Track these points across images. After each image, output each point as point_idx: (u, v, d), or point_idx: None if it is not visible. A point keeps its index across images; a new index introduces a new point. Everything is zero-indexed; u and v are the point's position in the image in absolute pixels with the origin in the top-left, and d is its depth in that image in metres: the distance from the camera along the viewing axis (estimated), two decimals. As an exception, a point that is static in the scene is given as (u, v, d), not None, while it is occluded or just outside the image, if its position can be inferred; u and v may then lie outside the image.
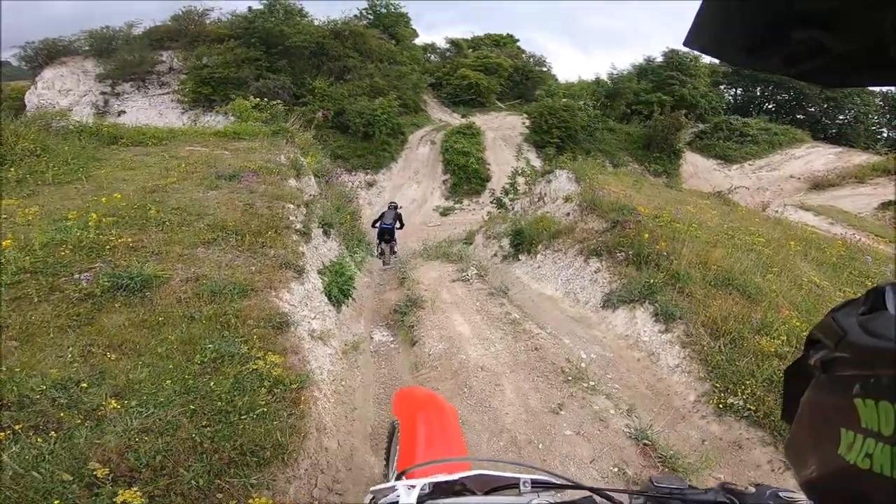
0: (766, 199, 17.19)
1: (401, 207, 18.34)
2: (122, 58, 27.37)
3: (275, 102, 11.68)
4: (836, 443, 0.38)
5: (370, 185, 22.47)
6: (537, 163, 23.28)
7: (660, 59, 31.51)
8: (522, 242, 9.23)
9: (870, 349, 0.37)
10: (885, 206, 21.71)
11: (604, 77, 31.22)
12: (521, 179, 18.63)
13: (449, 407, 1.63)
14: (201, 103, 25.29)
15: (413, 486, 0.81)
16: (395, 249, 11.51)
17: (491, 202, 18.27)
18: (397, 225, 11.66)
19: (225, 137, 9.61)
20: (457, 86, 32.77)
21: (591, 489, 0.82)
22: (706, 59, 34.03)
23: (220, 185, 6.41)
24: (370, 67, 27.81)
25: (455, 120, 29.97)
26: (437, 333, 5.71)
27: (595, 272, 6.87)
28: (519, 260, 9.22)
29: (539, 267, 8.35)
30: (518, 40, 39.74)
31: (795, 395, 0.46)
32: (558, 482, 0.86)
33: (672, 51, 31.14)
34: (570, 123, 24.39)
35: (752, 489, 0.82)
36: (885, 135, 38.90)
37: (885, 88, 37.09)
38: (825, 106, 38.12)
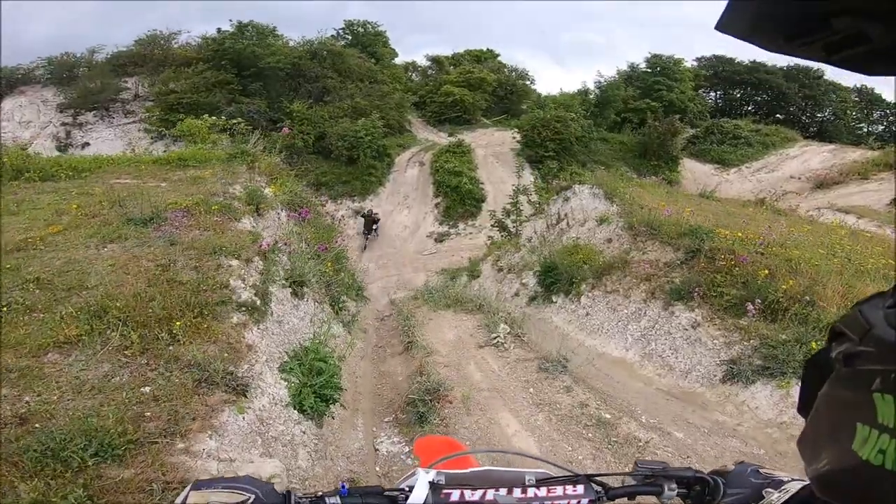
0: (795, 202, 15.26)
1: (377, 213, 18.68)
2: (84, 86, 24.98)
3: (235, 121, 9.39)
4: (851, 438, 0.36)
5: (357, 212, 20.18)
6: (531, 179, 21.30)
7: (643, 65, 30.13)
8: (557, 281, 6.99)
9: (894, 343, 0.35)
10: (896, 201, 20.21)
11: (591, 87, 29.68)
12: (522, 198, 16.52)
13: (473, 458, 1.46)
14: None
15: (429, 472, 0.84)
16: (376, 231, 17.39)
17: (492, 226, 16.07)
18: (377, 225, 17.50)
19: (167, 165, 7.30)
20: (441, 103, 30.77)
21: (586, 476, 0.85)
22: (688, 62, 32.94)
23: (124, 235, 4.09)
24: (350, 88, 25.73)
25: (442, 139, 27.96)
26: (484, 458, 3.38)
27: (692, 326, 4.63)
28: (553, 303, 6.96)
29: (587, 314, 6.10)
30: (499, 55, 38.22)
31: (814, 389, 0.43)
32: (558, 475, 0.88)
33: (655, 56, 29.86)
34: (564, 135, 22.50)
35: (733, 467, 0.84)
36: (865, 129, 38.01)
37: (858, 84, 36.54)
38: (804, 104, 37.09)
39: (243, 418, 2.64)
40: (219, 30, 26.22)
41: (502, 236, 14.64)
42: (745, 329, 4.20)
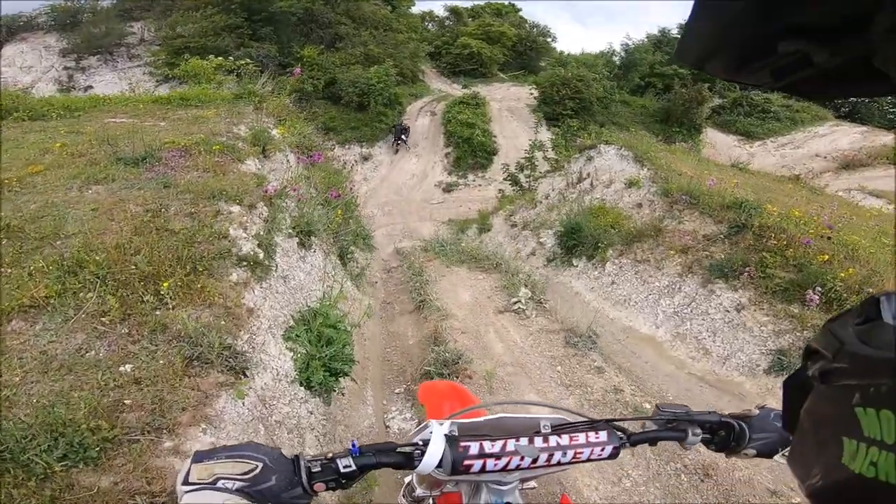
0: (823, 182, 14.43)
1: (407, 122, 20.80)
2: (88, 31, 23.81)
3: (243, 61, 8.60)
4: (839, 452, 0.37)
5: (366, 158, 19.43)
6: (547, 135, 20.36)
7: (675, 30, 28.25)
8: (580, 244, 6.49)
9: (867, 359, 0.36)
10: (925, 186, 19.28)
11: (617, 48, 28.03)
12: (538, 154, 15.70)
13: (477, 399, 1.50)
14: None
15: (443, 424, 0.78)
16: (406, 140, 19.97)
17: (505, 179, 15.37)
18: (406, 133, 20.03)
19: (169, 105, 6.67)
20: (457, 55, 29.34)
21: (606, 420, 0.83)
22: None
23: (112, 176, 3.57)
24: (364, 35, 24.38)
25: (456, 91, 26.76)
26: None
27: (735, 309, 4.17)
28: (573, 266, 6.50)
29: (613, 283, 5.64)
30: (520, 9, 36.09)
31: (796, 407, 0.44)
32: (574, 420, 0.83)
33: None
34: (585, 94, 21.28)
35: (756, 411, 0.83)
36: (900, 114, 36.01)
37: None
38: (840, 81, 34.90)
39: (243, 403, 2.23)
40: (229, -28, 24.42)
41: (514, 190, 14.04)
42: (799, 318, 3.74)
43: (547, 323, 4.60)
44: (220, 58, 9.31)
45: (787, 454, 0.46)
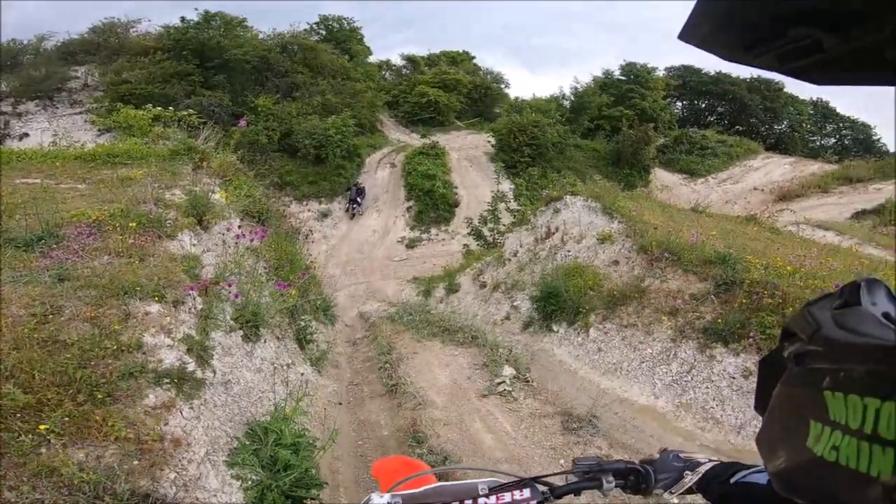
0: (770, 216, 14.94)
1: (362, 184, 19.72)
2: (27, 73, 22.37)
3: (186, 112, 8.00)
4: (805, 434, 0.37)
5: (325, 215, 18.75)
6: (509, 185, 20.57)
7: (617, 72, 30.04)
8: (559, 309, 6.06)
9: (842, 343, 0.36)
10: (860, 214, 20.63)
11: (567, 92, 29.29)
12: (500, 206, 15.63)
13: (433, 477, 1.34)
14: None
15: (383, 497, 0.84)
16: (361, 203, 18.91)
17: (468, 233, 15.10)
18: (362, 195, 18.98)
19: (94, 162, 5.94)
20: (415, 104, 29.68)
21: (531, 479, 0.88)
22: (661, 71, 33.17)
23: (-8, 268, 2.82)
24: (322, 84, 24.11)
25: (414, 140, 26.87)
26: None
27: (742, 375, 3.77)
28: (553, 332, 6.03)
29: (600, 350, 5.19)
30: (474, 57, 37.49)
31: (769, 387, 0.44)
32: (506, 480, 0.89)
33: (629, 64, 29.79)
34: (541, 140, 21.82)
35: (658, 455, 0.91)
36: (818, 142, 39.44)
37: (815, 97, 37.88)
38: (764, 116, 38.09)
39: None
40: (182, 18, 23.95)
41: (479, 245, 13.75)
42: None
43: (538, 405, 4.04)
44: (159, 108, 8.65)
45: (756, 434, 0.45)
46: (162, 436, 2.22)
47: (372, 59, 33.86)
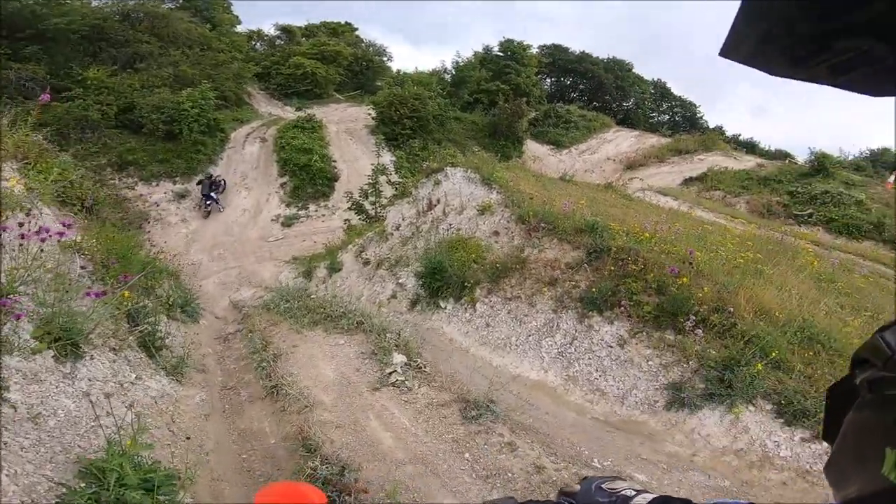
0: (621, 183, 16.74)
1: (219, 175, 17.12)
2: None
3: None
4: (880, 462, 0.36)
5: (182, 196, 16.47)
6: (390, 158, 20.11)
7: (496, 48, 31.04)
8: (445, 285, 6.01)
9: None
10: (688, 181, 24.33)
11: (448, 66, 29.45)
12: (381, 179, 15.19)
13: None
14: None
15: None
16: (217, 199, 16.02)
17: (349, 207, 14.47)
18: (219, 189, 16.32)
19: None
20: (289, 76, 27.50)
21: None
22: (535, 48, 34.88)
23: None
24: (174, 55, 21.01)
25: (289, 114, 24.87)
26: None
27: (618, 344, 4.04)
28: (441, 309, 5.98)
29: (488, 325, 5.25)
30: (357, 28, 35.59)
31: (839, 415, 0.43)
32: None
33: (508, 40, 30.93)
34: (422, 113, 21.62)
35: (578, 486, 0.83)
36: (656, 118, 45.35)
37: (656, 77, 43.30)
38: (616, 93, 42.54)
39: None
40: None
41: (360, 219, 13.29)
42: (679, 347, 3.75)
43: (434, 393, 3.90)
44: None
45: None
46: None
47: (241, 28, 30.48)
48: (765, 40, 0.39)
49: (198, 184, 16.31)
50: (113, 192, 8.11)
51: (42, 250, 2.92)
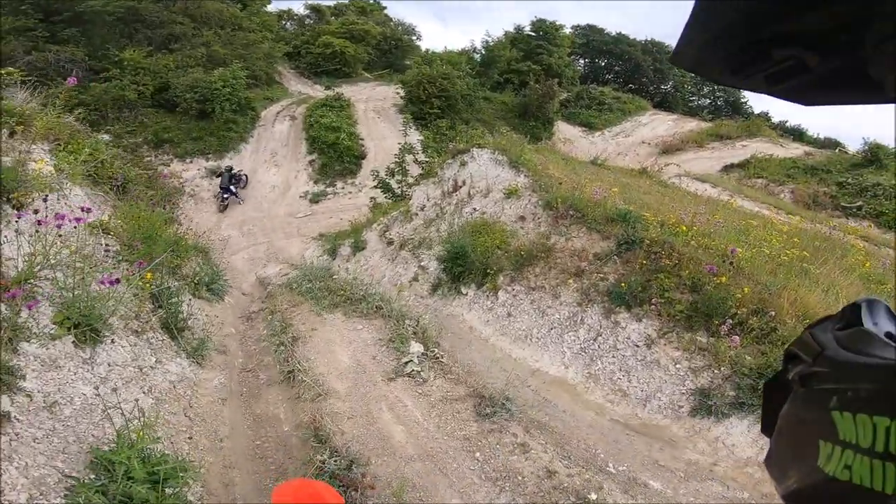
0: (656, 168, 16.04)
1: (240, 170, 16.39)
2: None
3: (4, 70, 6.18)
4: (815, 455, 0.37)
5: (214, 172, 16.82)
6: (417, 137, 19.90)
7: (528, 28, 30.07)
8: (466, 271, 5.84)
9: (846, 363, 0.36)
10: (728, 168, 23.15)
11: (478, 45, 28.72)
12: (408, 157, 15.01)
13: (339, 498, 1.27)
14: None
15: None
16: (236, 193, 15.21)
17: (374, 186, 14.39)
18: (240, 184, 15.59)
19: None
20: (319, 55, 27.51)
21: None
22: (568, 29, 33.65)
23: None
24: (207, 35, 21.24)
25: (317, 92, 24.92)
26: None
27: (645, 344, 3.80)
28: (462, 295, 5.83)
29: (510, 315, 5.07)
30: (385, 7, 35.29)
31: (775, 409, 0.44)
32: None
33: (539, 20, 29.94)
34: (451, 92, 21.20)
35: None
36: (696, 102, 43.27)
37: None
38: (654, 76, 40.73)
39: None
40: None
41: (386, 197, 13.19)
42: (712, 351, 3.49)
43: (449, 386, 3.78)
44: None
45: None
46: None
47: (271, 7, 30.54)
48: (708, 48, 0.40)
49: (217, 176, 15.69)
50: (146, 171, 8.20)
51: (60, 235, 2.89)
